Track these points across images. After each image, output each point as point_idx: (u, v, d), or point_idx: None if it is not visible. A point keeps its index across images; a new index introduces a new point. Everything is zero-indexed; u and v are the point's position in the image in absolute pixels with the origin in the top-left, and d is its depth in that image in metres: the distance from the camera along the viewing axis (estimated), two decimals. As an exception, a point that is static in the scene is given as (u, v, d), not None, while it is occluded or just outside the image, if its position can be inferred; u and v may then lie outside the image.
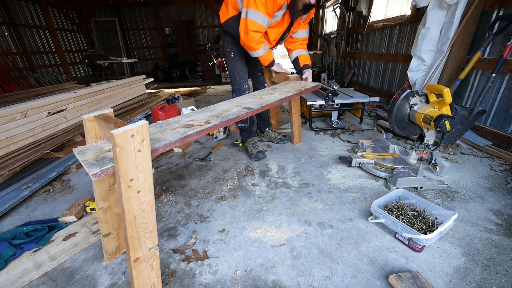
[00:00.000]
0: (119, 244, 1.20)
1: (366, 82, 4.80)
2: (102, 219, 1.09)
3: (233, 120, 1.21)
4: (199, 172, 2.00)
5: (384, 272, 1.07)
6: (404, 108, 1.70)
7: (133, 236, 0.83)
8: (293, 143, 2.46)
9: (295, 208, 1.52)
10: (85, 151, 0.88)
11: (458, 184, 1.69)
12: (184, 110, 2.99)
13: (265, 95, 1.63)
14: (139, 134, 0.75)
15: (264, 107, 1.40)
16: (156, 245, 0.91)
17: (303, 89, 1.80)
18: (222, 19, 1.92)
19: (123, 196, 0.77)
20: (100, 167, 0.76)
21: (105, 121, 0.89)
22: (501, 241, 1.20)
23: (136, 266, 0.87)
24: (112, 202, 1.10)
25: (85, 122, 0.94)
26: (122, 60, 6.11)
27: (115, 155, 0.73)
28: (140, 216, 0.83)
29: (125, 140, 0.72)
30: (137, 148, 0.76)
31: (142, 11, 8.98)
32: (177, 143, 0.95)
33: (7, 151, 1.95)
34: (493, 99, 2.29)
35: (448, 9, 2.43)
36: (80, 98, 2.77)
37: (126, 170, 0.75)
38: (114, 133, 0.70)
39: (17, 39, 6.32)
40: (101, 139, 0.99)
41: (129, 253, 0.84)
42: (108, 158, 0.82)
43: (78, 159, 0.86)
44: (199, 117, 1.21)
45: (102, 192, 1.06)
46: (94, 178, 0.75)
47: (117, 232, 1.17)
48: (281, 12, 1.77)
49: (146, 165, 0.80)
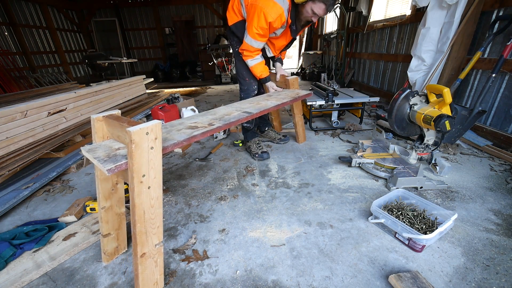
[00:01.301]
0: (118, 245, 1.21)
1: (366, 82, 4.80)
2: (104, 218, 1.10)
3: (234, 123, 1.27)
4: (199, 172, 2.00)
5: (384, 272, 1.07)
6: (404, 108, 1.70)
7: (141, 231, 0.85)
8: (298, 142, 2.50)
9: (295, 208, 1.52)
10: (95, 149, 0.90)
11: (458, 184, 1.69)
12: (184, 110, 2.99)
13: (262, 101, 1.73)
14: (153, 132, 0.79)
15: (262, 112, 1.48)
16: (161, 242, 0.93)
17: (297, 96, 1.91)
18: (230, 22, 1.96)
19: (135, 191, 0.80)
20: (114, 163, 0.80)
21: (117, 120, 0.92)
22: (501, 241, 1.20)
23: (142, 262, 0.89)
24: (114, 202, 1.11)
25: (94, 122, 0.96)
26: (122, 60, 6.12)
27: (130, 151, 0.76)
28: (149, 211, 0.86)
29: (141, 137, 0.76)
30: (151, 145, 0.80)
31: (142, 11, 8.98)
32: (184, 142, 0.99)
33: (7, 151, 1.95)
34: (493, 99, 2.29)
35: (448, 9, 2.43)
36: (80, 98, 2.77)
37: (139, 166, 0.79)
38: (131, 130, 0.74)
39: (17, 39, 6.32)
40: (108, 139, 1.01)
41: (136, 249, 0.86)
42: (120, 155, 0.86)
43: (87, 157, 0.89)
44: (202, 120, 1.26)
45: (105, 191, 1.07)
46: (109, 173, 0.78)
47: (117, 233, 1.17)
48: (280, 30, 1.88)
49: (157, 162, 0.84)
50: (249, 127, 2.23)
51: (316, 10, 1.68)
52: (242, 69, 2.09)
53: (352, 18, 5.25)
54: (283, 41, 2.04)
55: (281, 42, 2.05)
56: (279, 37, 1.98)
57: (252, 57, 1.92)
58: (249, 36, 1.81)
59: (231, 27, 1.98)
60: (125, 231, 1.22)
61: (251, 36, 1.80)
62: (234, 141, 2.53)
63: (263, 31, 1.76)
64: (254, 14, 1.70)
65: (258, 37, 1.80)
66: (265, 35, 1.81)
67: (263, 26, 1.73)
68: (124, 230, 1.21)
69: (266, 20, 1.69)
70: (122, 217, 1.17)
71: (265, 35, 1.82)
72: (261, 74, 1.99)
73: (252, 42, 1.82)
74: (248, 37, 1.82)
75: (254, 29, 1.74)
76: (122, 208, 1.16)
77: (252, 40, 1.81)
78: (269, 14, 1.67)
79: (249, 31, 1.79)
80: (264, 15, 1.67)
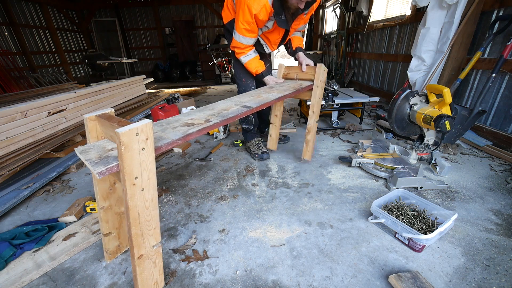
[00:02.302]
0: (119, 243, 1.21)
1: (366, 82, 4.80)
2: (103, 218, 1.10)
3: (233, 119, 1.20)
4: (199, 172, 2.00)
5: (384, 272, 1.07)
6: (404, 108, 1.70)
7: (137, 233, 0.84)
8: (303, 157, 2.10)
9: (295, 208, 1.52)
10: (88, 150, 0.88)
11: (458, 184, 1.69)
12: (184, 110, 2.99)
13: (263, 94, 1.63)
14: (143, 133, 0.76)
15: (262, 105, 1.39)
16: (159, 243, 0.92)
17: (300, 88, 1.78)
18: (225, 20, 1.94)
19: (127, 194, 0.78)
20: (105, 166, 0.77)
21: (108, 120, 0.89)
22: (501, 241, 1.20)
23: (140, 263, 0.88)
24: (112, 202, 1.11)
25: (87, 122, 0.94)
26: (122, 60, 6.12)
27: (120, 154, 0.73)
28: (144, 213, 0.84)
29: (130, 139, 0.73)
30: (142, 147, 0.77)
31: (142, 11, 8.97)
32: (179, 141, 0.95)
33: (7, 151, 1.95)
34: (493, 99, 2.29)
35: (448, 9, 2.43)
36: (80, 98, 2.77)
37: (130, 168, 0.76)
38: (119, 131, 0.71)
39: (17, 39, 6.32)
40: (102, 138, 0.99)
41: (133, 251, 0.85)
42: (111, 156, 0.83)
43: (80, 158, 0.87)
44: (199, 116, 1.20)
45: (103, 191, 1.06)
46: (99, 177, 0.75)
47: (117, 232, 1.17)
48: (271, 22, 1.79)
49: (150, 163, 0.81)
50: (248, 128, 2.22)
51: None
52: (238, 69, 2.06)
53: (352, 18, 5.24)
54: (276, 34, 1.95)
55: (275, 35, 1.96)
56: (273, 30, 1.89)
57: (244, 53, 1.86)
58: (237, 32, 1.76)
59: (226, 25, 1.95)
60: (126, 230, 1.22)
61: (239, 32, 1.75)
62: (234, 141, 2.53)
63: (250, 26, 1.71)
64: (239, 9, 1.67)
65: (246, 33, 1.75)
66: (252, 30, 1.74)
67: (249, 20, 1.67)
68: (125, 228, 1.21)
69: (250, 12, 1.64)
70: (122, 216, 1.17)
71: (253, 30, 1.75)
72: (257, 69, 1.91)
73: (241, 38, 1.78)
74: (236, 34, 1.77)
75: (240, 24, 1.70)
76: (122, 207, 1.16)
77: (240, 36, 1.77)
78: (253, 6, 1.62)
79: (236, 27, 1.75)
80: (248, 8, 1.63)
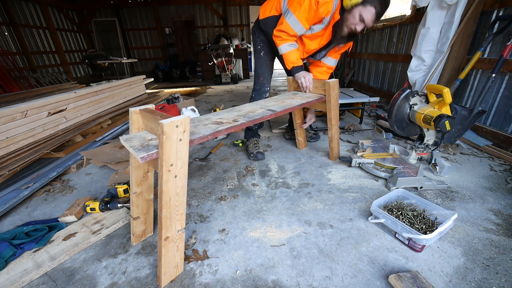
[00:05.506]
0: (145, 228, 1.31)
1: (366, 82, 4.80)
2: (134, 202, 1.20)
3: (258, 120, 1.31)
4: (199, 172, 2.00)
5: (384, 272, 1.07)
6: (404, 108, 1.70)
7: (166, 216, 0.93)
8: (331, 159, 2.11)
9: (295, 208, 1.52)
10: (131, 139, 1.01)
11: (458, 184, 1.69)
12: (184, 110, 2.99)
13: (287, 99, 1.70)
14: (182, 125, 0.86)
15: (286, 110, 1.47)
16: (183, 228, 1.01)
17: (323, 95, 1.78)
18: (262, 16, 1.84)
19: (163, 179, 0.87)
20: (146, 152, 0.89)
21: (151, 113, 0.99)
22: (501, 241, 1.20)
23: (166, 245, 0.97)
24: (144, 188, 1.20)
25: (131, 114, 1.06)
26: (122, 60, 6.12)
27: (161, 142, 0.83)
28: (174, 198, 0.93)
29: (171, 129, 0.83)
30: (179, 138, 0.87)
31: (142, 11, 8.98)
32: (209, 136, 1.07)
33: (7, 151, 1.95)
34: (493, 99, 2.29)
35: (448, 9, 2.43)
36: (80, 98, 2.77)
37: (168, 155, 0.86)
38: (163, 122, 0.80)
39: (17, 39, 6.32)
40: (142, 130, 1.10)
41: (161, 232, 0.94)
42: (151, 145, 0.94)
43: (124, 145, 0.99)
44: (227, 116, 1.32)
45: (137, 178, 1.16)
46: (142, 161, 0.87)
47: (145, 217, 1.27)
48: (319, 27, 1.70)
49: (184, 153, 0.91)
50: (251, 126, 2.22)
51: (365, 15, 1.51)
52: (258, 68, 1.99)
53: (352, 18, 5.24)
54: (316, 44, 1.80)
55: (313, 44, 1.80)
56: (313, 36, 1.76)
57: (289, 41, 1.69)
58: (293, 15, 1.57)
59: (261, 21, 1.83)
60: (152, 216, 1.32)
61: (297, 16, 1.56)
62: (234, 141, 2.53)
63: (309, 14, 1.57)
64: None
65: (303, 20, 1.57)
66: (309, 19, 1.60)
67: (312, 6, 1.54)
68: (151, 215, 1.31)
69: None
70: (150, 203, 1.27)
71: (309, 20, 1.61)
72: (296, 62, 1.77)
73: (295, 23, 1.59)
74: (293, 17, 1.58)
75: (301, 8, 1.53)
76: (151, 195, 1.25)
77: (296, 20, 1.57)
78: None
79: (295, 11, 1.56)
80: None
